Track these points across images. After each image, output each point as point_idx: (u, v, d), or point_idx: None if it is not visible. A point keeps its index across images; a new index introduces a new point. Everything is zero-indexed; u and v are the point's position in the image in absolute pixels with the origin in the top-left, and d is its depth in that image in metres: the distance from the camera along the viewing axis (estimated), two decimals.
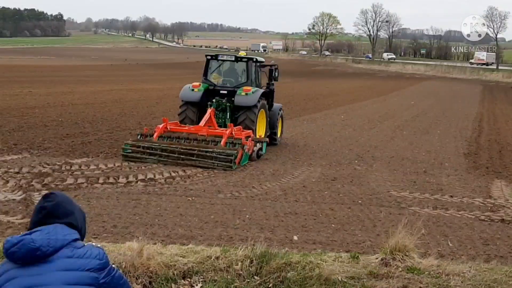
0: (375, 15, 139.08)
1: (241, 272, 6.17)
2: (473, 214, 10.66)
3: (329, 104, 33.36)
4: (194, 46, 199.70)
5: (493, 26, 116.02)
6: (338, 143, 18.91)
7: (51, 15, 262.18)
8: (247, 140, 14.50)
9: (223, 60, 17.32)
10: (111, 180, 11.91)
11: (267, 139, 16.30)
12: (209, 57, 17.35)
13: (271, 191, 11.72)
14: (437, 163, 16.15)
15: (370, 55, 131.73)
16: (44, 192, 9.73)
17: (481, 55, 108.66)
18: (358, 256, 6.87)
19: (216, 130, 15.13)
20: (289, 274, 6.19)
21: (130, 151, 14.29)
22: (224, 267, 6.26)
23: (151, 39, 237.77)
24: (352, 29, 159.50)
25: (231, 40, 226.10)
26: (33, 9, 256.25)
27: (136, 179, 12.10)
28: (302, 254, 6.94)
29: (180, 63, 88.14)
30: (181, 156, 13.83)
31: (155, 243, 6.96)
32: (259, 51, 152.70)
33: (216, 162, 13.66)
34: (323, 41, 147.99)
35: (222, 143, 14.05)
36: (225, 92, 16.45)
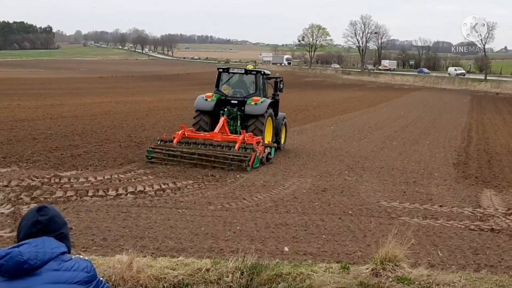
0: (364, 26, 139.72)
1: (231, 284, 6.16)
2: (462, 223, 10.70)
3: (319, 115, 33.46)
4: (184, 58, 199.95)
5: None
6: (329, 154, 18.95)
7: (40, 27, 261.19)
8: (258, 145, 15.86)
9: (234, 73, 18.80)
10: (100, 192, 11.85)
11: (276, 144, 17.99)
12: (220, 70, 18.83)
13: (262, 203, 11.71)
14: (426, 173, 16.22)
15: (425, 70, 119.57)
16: (33, 205, 9.67)
17: (386, 63, 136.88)
18: (348, 266, 6.88)
19: (230, 136, 16.49)
20: (280, 285, 6.18)
21: (150, 157, 15.65)
22: (215, 279, 6.23)
23: (140, 51, 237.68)
24: (342, 41, 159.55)
25: (221, 52, 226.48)
26: (22, 22, 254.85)
27: (126, 191, 12.04)
28: (293, 265, 6.92)
29: (170, 75, 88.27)
30: (200, 159, 15.24)
31: (145, 256, 6.93)
32: (283, 64, 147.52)
33: (232, 164, 15.03)
34: (313, 53, 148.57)
35: (236, 147, 15.46)
36: (236, 102, 17.81)
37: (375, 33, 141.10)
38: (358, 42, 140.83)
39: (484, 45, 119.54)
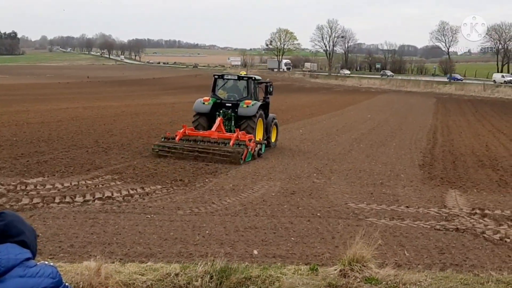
0: (331, 30, 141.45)
1: None
2: (428, 223, 10.89)
3: (288, 118, 33.59)
4: (151, 62, 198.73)
5: (445, 40, 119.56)
6: (297, 157, 19.06)
7: (5, 33, 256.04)
8: (250, 142, 17.82)
9: (228, 79, 21.03)
10: (67, 199, 11.70)
11: (266, 141, 20.11)
12: (216, 76, 21.03)
13: (231, 206, 11.72)
14: (393, 174, 16.44)
15: (458, 76, 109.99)
16: None
17: (308, 65, 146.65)
18: (317, 268, 6.94)
19: (225, 135, 18.57)
20: None
21: (157, 150, 17.73)
22: (184, 284, 6.23)
23: (107, 56, 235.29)
24: (309, 45, 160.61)
25: (190, 57, 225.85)
26: None
27: (93, 197, 11.92)
28: (262, 268, 6.96)
29: (137, 80, 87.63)
30: (199, 154, 17.15)
31: (113, 262, 6.89)
32: (282, 69, 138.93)
33: (227, 158, 16.89)
34: (281, 57, 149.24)
35: (231, 144, 17.52)
36: (230, 104, 19.90)
37: (342, 37, 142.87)
38: (325, 46, 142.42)
39: (448, 48, 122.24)
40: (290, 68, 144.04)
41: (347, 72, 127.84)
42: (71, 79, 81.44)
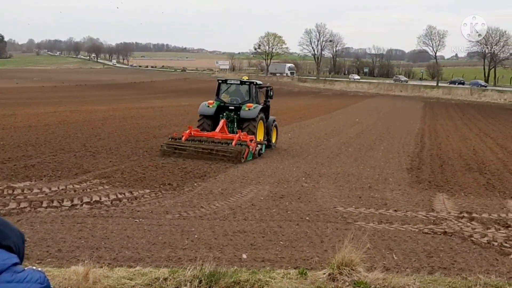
0: (319, 35, 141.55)
1: None
2: (416, 227, 10.94)
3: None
4: (134, 65, 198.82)
5: (432, 44, 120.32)
6: (286, 161, 19.09)
7: None
8: (251, 143, 19.00)
9: (231, 84, 22.48)
10: (55, 203, 11.62)
11: (266, 142, 21.29)
12: (220, 81, 22.40)
13: (220, 210, 11.70)
14: (381, 178, 16.50)
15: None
16: None
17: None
18: (306, 272, 6.95)
19: (228, 135, 19.80)
20: None
21: (166, 148, 18.89)
22: None
23: (95, 59, 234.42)
24: (297, 49, 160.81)
25: (178, 60, 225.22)
26: None
27: (81, 202, 11.85)
28: (251, 272, 6.96)
29: (125, 84, 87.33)
30: (204, 152, 18.36)
31: (101, 267, 6.85)
32: (285, 74, 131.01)
33: (230, 157, 18.09)
34: (269, 61, 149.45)
35: (233, 143, 18.67)
36: (233, 107, 21.22)
37: (330, 41, 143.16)
38: (314, 50, 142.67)
39: (435, 53, 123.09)
40: (294, 72, 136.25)
41: (357, 77, 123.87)
42: (58, 83, 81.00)
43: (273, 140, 22.62)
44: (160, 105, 44.69)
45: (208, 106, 21.24)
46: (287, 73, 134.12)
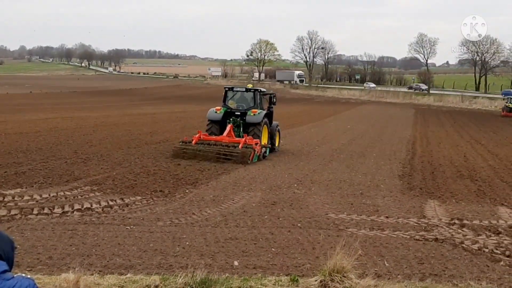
0: (311, 42, 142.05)
1: None
2: (408, 234, 10.96)
3: None
4: (121, 71, 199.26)
5: (424, 52, 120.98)
6: (278, 168, 19.09)
7: None
8: (256, 146, 20.37)
9: (237, 91, 24.02)
10: (46, 210, 11.56)
11: (270, 145, 22.84)
12: (227, 89, 23.97)
13: (211, 217, 11.68)
14: (373, 185, 16.53)
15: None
16: None
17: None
18: (297, 279, 6.95)
19: (234, 139, 21.20)
20: None
21: (178, 149, 20.39)
22: None
23: (87, 66, 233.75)
24: (289, 56, 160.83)
25: (170, 67, 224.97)
26: None
27: (72, 209, 11.80)
28: (242, 279, 6.95)
29: (117, 90, 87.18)
30: (213, 154, 19.74)
31: (92, 274, 6.82)
32: (294, 82, 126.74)
33: (237, 158, 19.47)
34: (261, 67, 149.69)
35: (240, 146, 20.03)
36: (239, 113, 22.63)
37: (322, 48, 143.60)
38: (306, 57, 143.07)
39: (426, 60, 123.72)
40: (303, 80, 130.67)
41: (373, 85, 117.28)
42: (50, 90, 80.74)
43: (277, 144, 23.92)
44: (152, 112, 44.66)
45: (216, 112, 22.62)
46: (296, 81, 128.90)
